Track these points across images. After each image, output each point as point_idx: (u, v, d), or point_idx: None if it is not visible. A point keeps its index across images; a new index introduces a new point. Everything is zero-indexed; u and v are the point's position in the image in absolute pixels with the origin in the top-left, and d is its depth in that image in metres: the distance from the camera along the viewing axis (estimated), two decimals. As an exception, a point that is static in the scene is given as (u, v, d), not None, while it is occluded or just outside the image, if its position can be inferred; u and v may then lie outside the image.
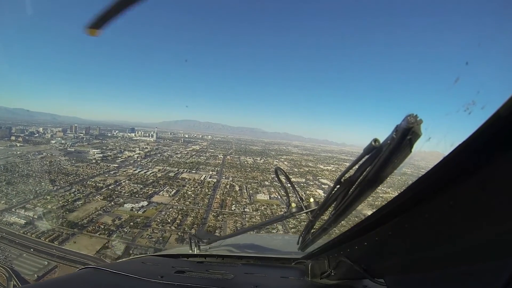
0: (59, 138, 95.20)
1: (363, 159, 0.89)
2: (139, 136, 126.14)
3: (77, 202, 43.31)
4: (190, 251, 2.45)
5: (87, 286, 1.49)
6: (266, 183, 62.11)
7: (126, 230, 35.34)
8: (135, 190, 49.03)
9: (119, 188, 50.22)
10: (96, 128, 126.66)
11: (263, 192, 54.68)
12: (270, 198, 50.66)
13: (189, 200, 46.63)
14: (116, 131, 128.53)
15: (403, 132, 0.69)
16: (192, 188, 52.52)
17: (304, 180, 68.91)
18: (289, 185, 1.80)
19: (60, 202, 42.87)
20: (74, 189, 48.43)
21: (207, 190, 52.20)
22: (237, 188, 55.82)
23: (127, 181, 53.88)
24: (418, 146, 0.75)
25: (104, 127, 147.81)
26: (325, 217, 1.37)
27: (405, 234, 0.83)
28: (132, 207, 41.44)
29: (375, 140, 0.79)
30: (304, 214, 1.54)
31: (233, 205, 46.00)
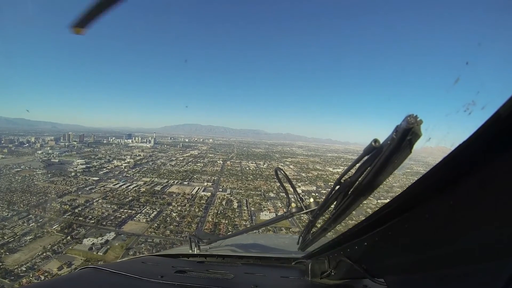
0: (47, 148, 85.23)
1: (363, 160, 0.86)
2: (136, 142, 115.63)
3: (26, 237, 31.87)
4: (190, 251, 2.35)
5: (86, 286, 1.43)
6: (271, 194, 50.07)
7: None
8: (105, 214, 37.37)
9: (87, 211, 38.66)
10: (91, 136, 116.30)
11: (268, 209, 42.66)
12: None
13: (172, 226, 34.78)
14: (113, 138, 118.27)
15: (403, 133, 0.66)
16: (179, 208, 40.61)
17: (315, 188, 56.71)
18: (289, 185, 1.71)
19: (5, 238, 31.62)
20: (31, 216, 37.09)
21: (197, 210, 40.28)
22: (235, 204, 43.82)
23: (100, 201, 42.28)
24: (420, 145, 0.71)
25: (102, 134, 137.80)
26: (325, 217, 1.31)
27: (405, 234, 0.82)
28: (93, 243, 29.83)
29: (375, 141, 0.76)
30: (304, 214, 1.47)
31: (229, 233, 33.99)
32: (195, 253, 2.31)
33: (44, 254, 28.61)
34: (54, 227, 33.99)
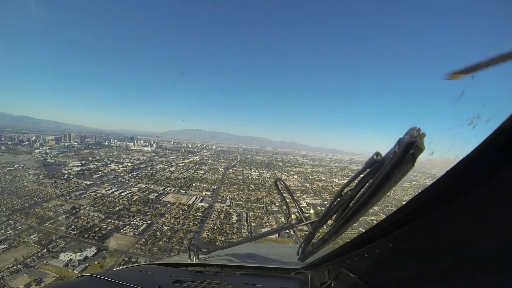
0: (46, 148, 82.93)
1: (365, 173, 0.85)
2: (137, 145, 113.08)
3: (0, 246, 28.43)
4: (189, 260, 2.32)
5: None
6: (274, 208, 46.08)
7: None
8: (90, 225, 33.79)
9: (71, 219, 35.14)
10: (92, 137, 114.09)
11: (270, 224, 38.62)
12: (279, 236, 34.52)
13: (161, 242, 30.97)
14: (115, 140, 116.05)
15: (405, 146, 0.65)
16: (172, 220, 36.85)
17: (320, 201, 52.58)
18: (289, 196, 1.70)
19: (-23, 246, 28.25)
20: (11, 221, 33.74)
21: (192, 224, 36.45)
22: (234, 218, 39.91)
23: (88, 208, 38.80)
24: (423, 158, 0.69)
25: (105, 136, 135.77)
26: (325, 228, 1.32)
27: (406, 246, 0.80)
28: (70, 259, 26.21)
29: (377, 154, 0.75)
30: (304, 226, 1.46)
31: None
32: (194, 262, 2.26)
33: (15, 267, 25.05)
34: (31, 236, 30.52)
